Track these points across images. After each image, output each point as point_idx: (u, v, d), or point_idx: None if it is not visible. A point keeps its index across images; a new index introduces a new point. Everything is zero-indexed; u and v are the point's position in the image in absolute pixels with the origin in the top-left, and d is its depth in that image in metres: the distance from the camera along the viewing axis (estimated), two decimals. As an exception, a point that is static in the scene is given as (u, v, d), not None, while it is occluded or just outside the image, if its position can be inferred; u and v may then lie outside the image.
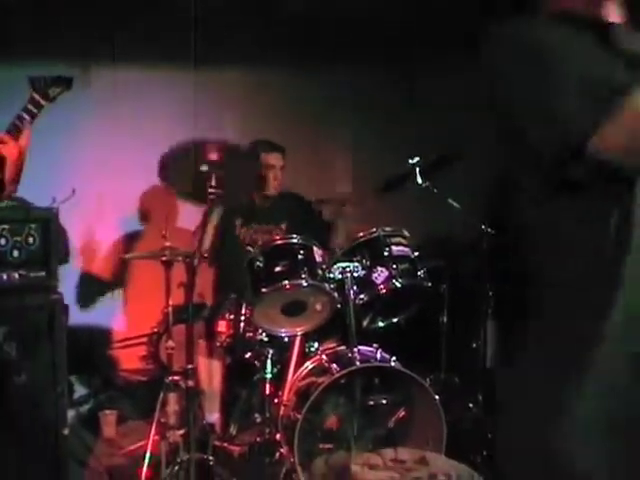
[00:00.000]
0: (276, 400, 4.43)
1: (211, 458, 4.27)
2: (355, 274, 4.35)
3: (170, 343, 4.29)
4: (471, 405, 4.94)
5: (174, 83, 5.79)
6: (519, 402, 2.19)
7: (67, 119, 5.23)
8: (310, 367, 4.42)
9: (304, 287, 4.27)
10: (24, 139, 3.54)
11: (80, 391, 5.33)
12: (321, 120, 5.95)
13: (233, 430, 4.61)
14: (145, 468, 4.24)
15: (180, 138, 5.67)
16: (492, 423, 4.83)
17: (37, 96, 3.66)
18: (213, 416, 4.65)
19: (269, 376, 4.49)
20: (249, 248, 4.56)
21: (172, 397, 4.36)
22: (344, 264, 4.35)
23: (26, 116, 3.61)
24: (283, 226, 5.02)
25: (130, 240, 5.77)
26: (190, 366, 4.15)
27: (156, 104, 5.65)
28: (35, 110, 3.64)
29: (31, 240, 3.46)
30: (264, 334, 4.48)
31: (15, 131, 3.56)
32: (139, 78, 5.62)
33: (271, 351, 4.53)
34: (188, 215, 5.53)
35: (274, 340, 4.51)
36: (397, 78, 6.01)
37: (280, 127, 5.57)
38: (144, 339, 5.33)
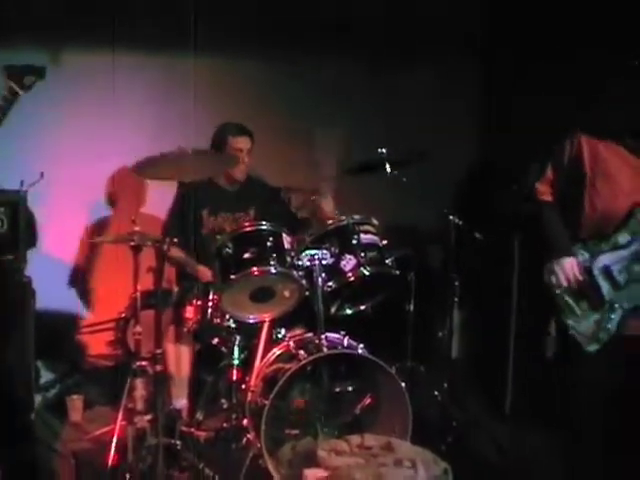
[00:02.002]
0: (243, 386, 4.44)
1: (178, 443, 4.28)
2: (323, 261, 4.37)
3: (138, 328, 4.27)
4: (436, 393, 4.99)
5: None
6: None
7: (37, 103, 5.21)
8: (277, 353, 4.44)
9: (272, 274, 4.28)
10: None
11: (47, 376, 5.31)
12: (289, 109, 5.96)
13: (200, 415, 4.60)
14: (112, 453, 4.25)
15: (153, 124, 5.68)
16: (456, 411, 4.91)
17: (14, 85, 3.67)
18: (180, 402, 4.64)
19: (236, 362, 4.49)
20: (217, 237, 4.56)
21: (139, 382, 4.36)
22: (313, 251, 4.37)
23: (4, 105, 3.62)
24: (251, 212, 5.01)
25: (98, 225, 5.75)
26: (158, 351, 4.15)
27: (125, 89, 5.64)
28: (12, 98, 3.64)
29: (-1, 223, 3.47)
30: (232, 320, 4.49)
31: None
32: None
33: (238, 337, 4.53)
34: (156, 201, 5.51)
35: (242, 326, 4.52)
36: (371, 69, 6.05)
37: (250, 113, 5.57)
38: (111, 324, 5.32)
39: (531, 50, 5.64)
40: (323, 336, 4.28)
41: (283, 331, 4.58)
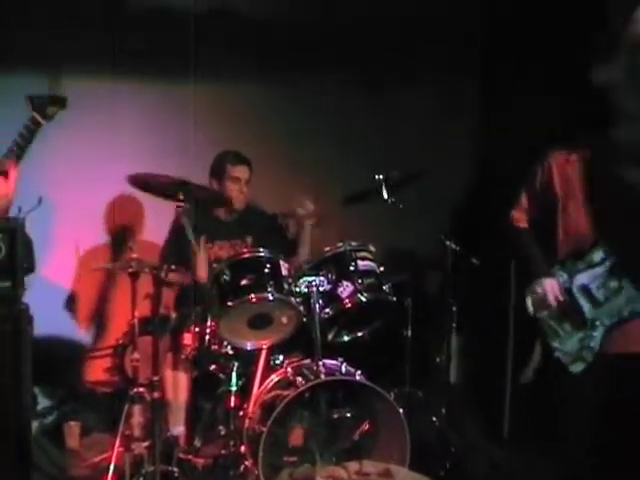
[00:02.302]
0: (241, 413, 4.43)
1: (175, 470, 4.27)
2: (321, 288, 4.38)
3: (135, 355, 4.28)
4: (434, 418, 4.99)
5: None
6: None
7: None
8: (275, 380, 4.43)
9: (270, 301, 4.29)
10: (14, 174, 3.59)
11: (44, 402, 5.30)
12: (290, 134, 5.98)
13: (198, 442, 4.59)
14: (109, 480, 4.25)
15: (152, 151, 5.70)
16: (455, 437, 4.89)
17: (37, 115, 3.69)
18: (178, 429, 4.63)
19: (234, 389, 4.49)
20: (214, 265, 4.57)
21: (137, 409, 4.36)
22: (310, 278, 4.38)
23: (28, 135, 3.64)
24: (248, 240, 5.03)
25: (97, 251, 5.75)
26: (155, 378, 4.15)
27: (125, 115, 5.66)
28: (35, 128, 3.67)
29: (-3, 250, 3.47)
30: (229, 347, 4.49)
31: (19, 151, 3.59)
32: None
33: (236, 364, 4.53)
34: (154, 228, 5.51)
35: (239, 353, 4.52)
36: (367, 93, 6.06)
37: (250, 139, 5.59)
38: (109, 351, 5.31)
39: (530, 68, 5.65)
40: (321, 362, 4.28)
41: (281, 357, 4.58)
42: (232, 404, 4.47)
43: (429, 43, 6.03)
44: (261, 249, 4.44)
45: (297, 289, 4.36)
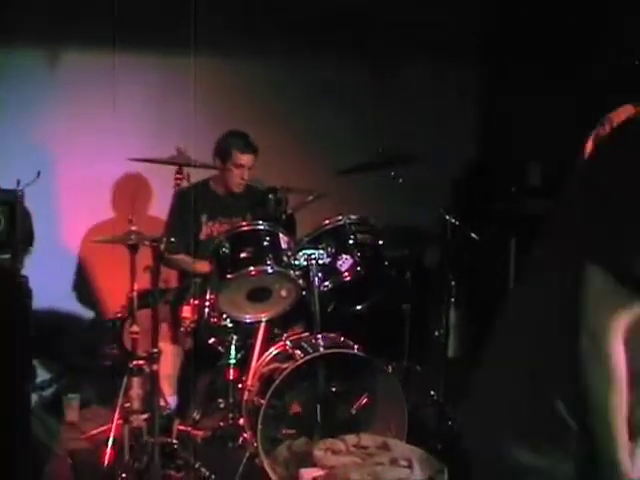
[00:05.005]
0: (240, 385, 4.44)
1: (175, 442, 4.28)
2: (320, 261, 4.38)
3: (134, 328, 4.28)
4: (432, 392, 5.00)
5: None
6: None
7: (34, 101, 5.21)
8: (274, 353, 4.44)
9: (269, 273, 4.29)
10: None
11: (43, 375, 5.31)
12: (290, 108, 5.96)
13: (197, 415, 4.61)
14: (108, 452, 4.27)
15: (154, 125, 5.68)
16: (453, 410, 4.90)
17: None
18: (173, 400, 4.67)
19: (233, 361, 4.50)
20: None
21: (136, 382, 4.36)
22: (309, 251, 4.38)
23: None
24: (248, 217, 5.03)
25: (100, 225, 5.74)
26: (154, 350, 4.15)
27: (125, 89, 5.64)
28: None
29: (-4, 223, 3.46)
30: (228, 320, 4.49)
31: None
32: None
33: (235, 337, 4.54)
34: (160, 203, 5.51)
35: (238, 326, 4.53)
36: (370, 69, 6.05)
37: (250, 113, 5.58)
38: (108, 323, 5.31)
39: (532, 50, 5.64)
40: (319, 336, 4.29)
41: (280, 331, 4.58)
42: (231, 377, 4.47)
43: (432, 21, 6.01)
44: (260, 222, 4.43)
45: (296, 262, 4.36)
